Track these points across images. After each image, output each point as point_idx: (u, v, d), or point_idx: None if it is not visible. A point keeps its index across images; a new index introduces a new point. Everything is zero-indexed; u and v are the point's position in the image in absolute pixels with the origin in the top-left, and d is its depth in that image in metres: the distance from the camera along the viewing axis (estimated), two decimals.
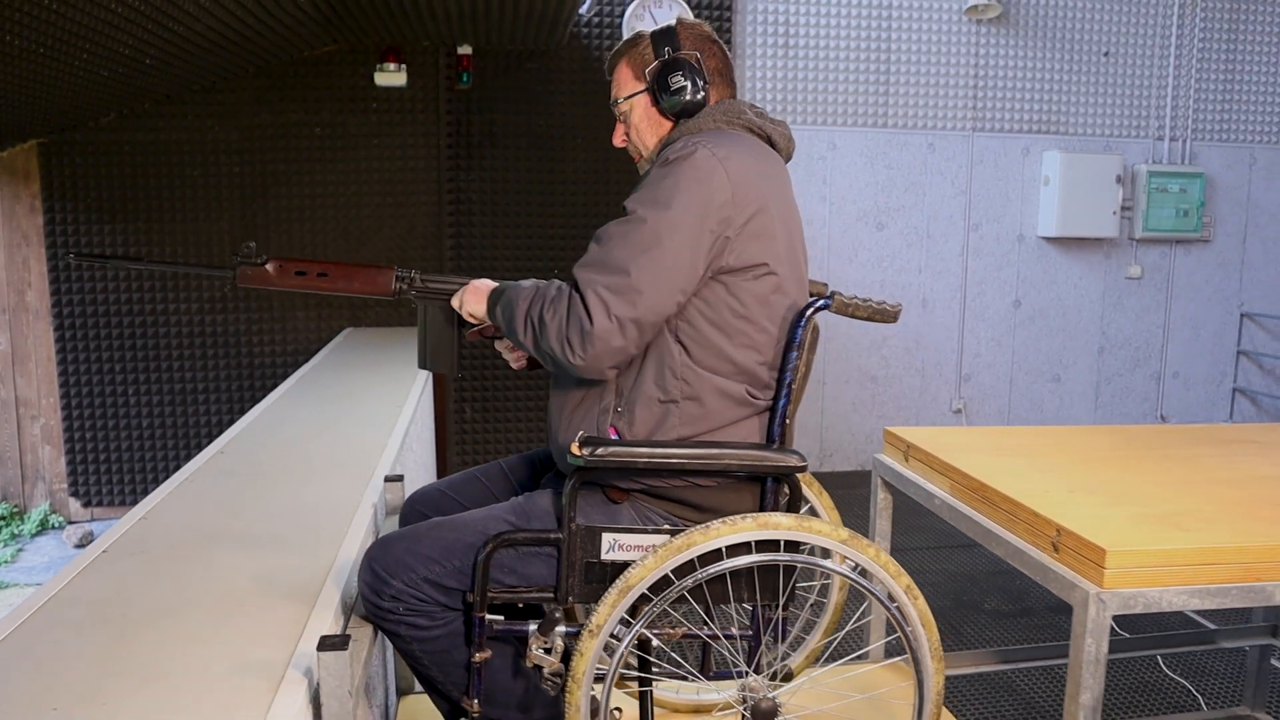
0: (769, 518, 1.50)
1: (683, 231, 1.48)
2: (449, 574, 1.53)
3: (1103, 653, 1.55)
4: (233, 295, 5.04)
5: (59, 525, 5.04)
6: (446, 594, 1.54)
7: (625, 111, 1.72)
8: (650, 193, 1.52)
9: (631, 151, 1.76)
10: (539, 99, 5.15)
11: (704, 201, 1.49)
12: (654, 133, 1.71)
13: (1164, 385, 6.36)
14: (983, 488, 1.90)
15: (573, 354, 1.47)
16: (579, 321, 1.46)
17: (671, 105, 1.65)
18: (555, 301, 1.50)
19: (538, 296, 1.54)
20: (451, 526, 1.58)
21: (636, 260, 1.47)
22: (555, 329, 1.48)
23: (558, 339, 1.48)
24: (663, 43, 1.66)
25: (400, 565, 1.54)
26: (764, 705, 1.55)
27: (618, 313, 1.46)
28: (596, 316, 1.45)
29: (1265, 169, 6.29)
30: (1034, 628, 3.73)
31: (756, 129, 1.66)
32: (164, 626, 1.51)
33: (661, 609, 1.51)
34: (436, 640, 1.55)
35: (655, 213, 1.49)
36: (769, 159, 1.64)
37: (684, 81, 1.63)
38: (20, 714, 1.25)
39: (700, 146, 1.53)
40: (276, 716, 1.25)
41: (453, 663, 1.56)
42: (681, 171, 1.51)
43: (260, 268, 1.68)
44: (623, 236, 1.50)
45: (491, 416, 5.39)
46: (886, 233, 5.85)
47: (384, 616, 1.55)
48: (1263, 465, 2.13)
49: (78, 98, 4.19)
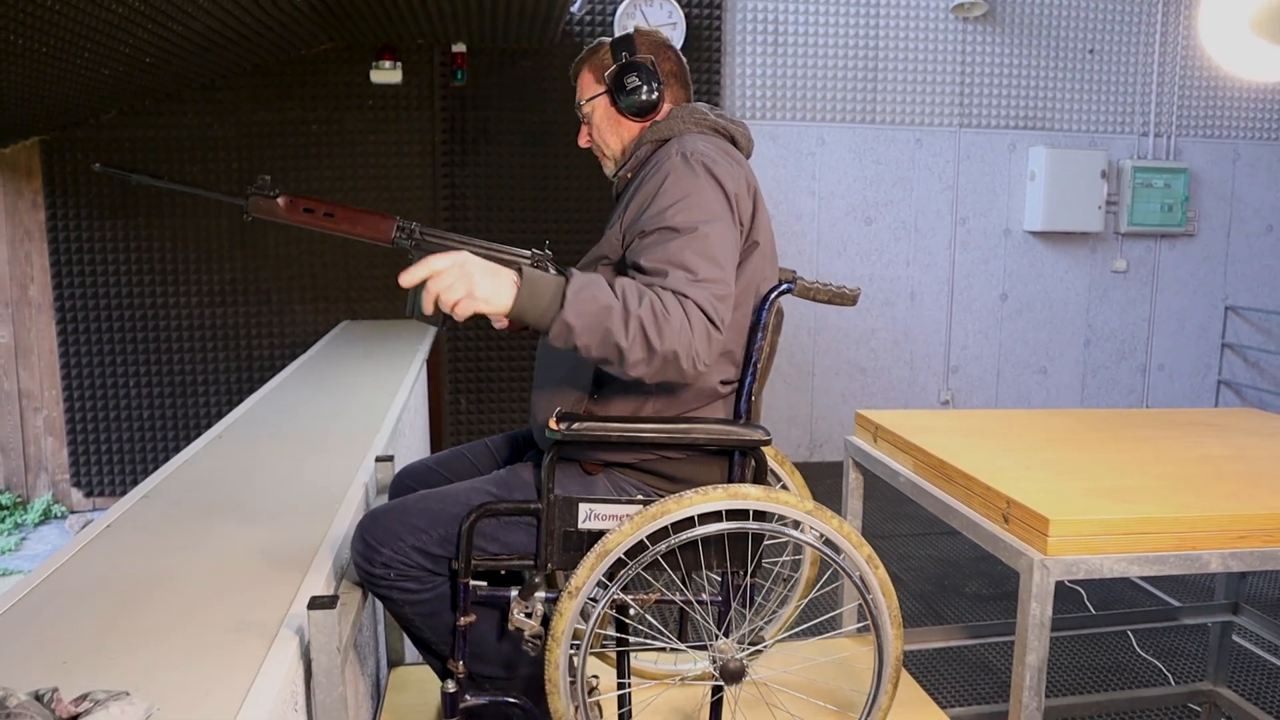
0: (739, 488, 1.60)
1: (724, 222, 1.59)
2: (435, 542, 1.63)
3: (1047, 616, 1.64)
4: (231, 289, 5.14)
5: (62, 515, 5.14)
6: (433, 560, 1.64)
7: (588, 113, 1.86)
8: (680, 201, 1.57)
9: (595, 151, 1.91)
10: (532, 96, 5.25)
11: (725, 194, 1.62)
12: (614, 131, 1.84)
13: (1149, 378, 6.46)
14: (942, 465, 2.00)
15: (696, 364, 1.48)
16: (705, 331, 1.47)
17: (628, 104, 1.79)
18: (669, 316, 1.44)
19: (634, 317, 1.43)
20: (438, 498, 1.68)
21: (716, 270, 1.52)
22: (683, 345, 1.45)
23: (687, 356, 1.46)
24: (620, 48, 1.81)
25: (390, 534, 1.64)
26: (732, 665, 1.65)
27: (724, 316, 1.52)
28: (719, 321, 1.49)
29: (1249, 164, 6.38)
30: (1012, 610, 3.83)
31: (721, 130, 1.78)
32: (165, 593, 1.61)
33: (636, 573, 1.60)
34: (426, 603, 1.65)
35: (703, 218, 1.56)
36: (739, 158, 1.76)
37: (639, 82, 1.77)
38: (34, 667, 1.35)
39: (690, 152, 1.64)
40: (270, 670, 1.35)
41: (442, 624, 1.67)
42: (698, 171, 1.62)
43: (272, 200, 1.75)
44: (689, 248, 1.52)
45: (486, 407, 5.49)
46: (875, 227, 5.95)
47: (376, 582, 1.65)
48: (1215, 446, 2.22)
49: (79, 96, 4.29)
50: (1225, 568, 1.70)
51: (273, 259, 5.15)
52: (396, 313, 5.27)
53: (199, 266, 5.09)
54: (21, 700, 1.04)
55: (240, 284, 5.15)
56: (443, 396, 5.32)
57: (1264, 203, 6.44)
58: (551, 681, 1.59)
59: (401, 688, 2.18)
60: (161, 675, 1.32)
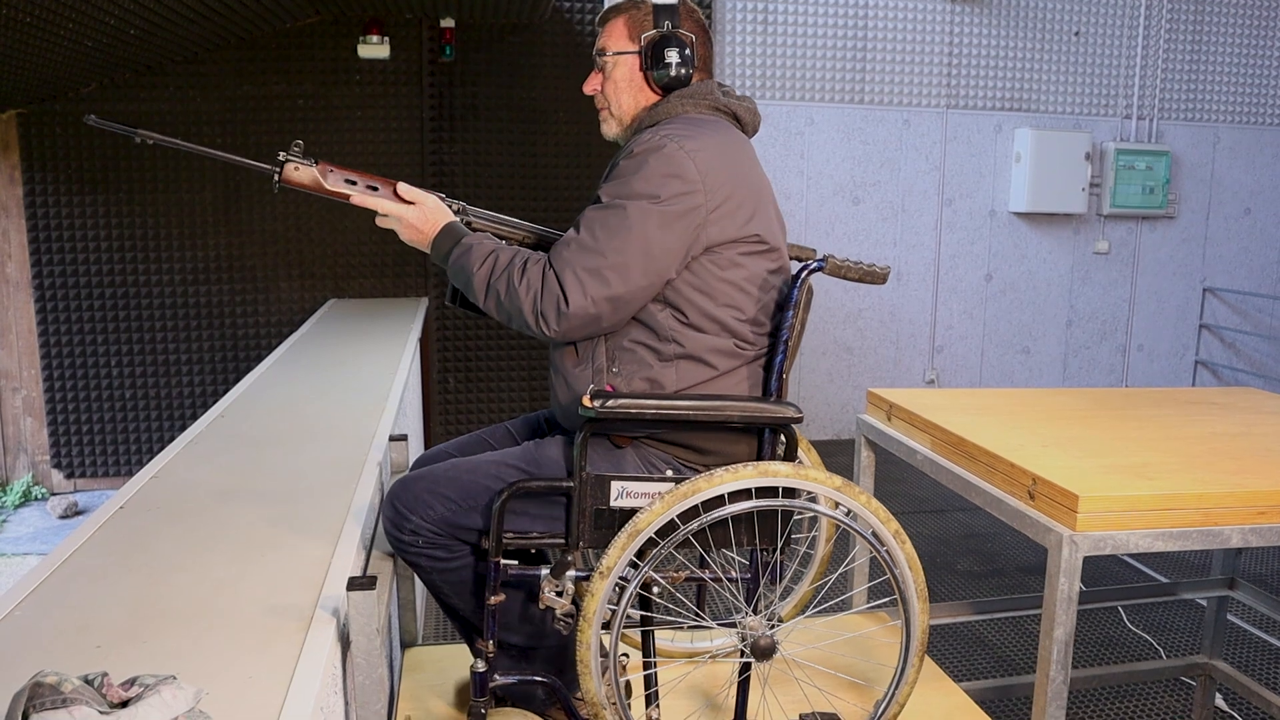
0: (769, 466, 1.60)
1: (656, 220, 1.59)
2: (464, 512, 1.63)
3: (1075, 592, 1.66)
4: (214, 266, 5.06)
5: (42, 497, 5.06)
6: (462, 530, 1.64)
7: (609, 66, 1.79)
8: (624, 184, 1.63)
9: (599, 102, 1.83)
10: (521, 72, 5.19)
11: (675, 193, 1.60)
12: (632, 96, 1.79)
13: (1129, 358, 6.55)
14: (962, 443, 2.01)
15: (546, 325, 1.60)
16: (555, 299, 1.58)
17: (659, 77, 1.75)
18: (528, 274, 1.60)
19: (506, 267, 1.62)
20: (468, 468, 1.68)
21: (611, 243, 1.58)
22: (529, 301, 1.59)
23: (532, 311, 1.60)
24: (664, 15, 1.75)
25: (420, 503, 1.64)
26: (763, 643, 1.65)
27: (593, 293, 1.57)
28: (573, 296, 1.57)
29: (1229, 148, 6.46)
30: (1004, 586, 3.88)
31: (723, 107, 1.76)
32: (190, 573, 1.58)
33: (667, 552, 1.60)
34: (456, 571, 1.66)
35: (630, 201, 1.60)
36: (734, 138, 1.75)
37: (677, 57, 1.73)
38: (66, 651, 1.32)
39: (669, 140, 1.63)
40: (311, 652, 1.33)
41: (471, 592, 1.67)
42: (651, 164, 1.62)
43: (309, 168, 1.72)
44: (600, 222, 1.61)
45: (475, 386, 5.46)
46: (862, 207, 5.96)
47: (405, 549, 1.66)
48: (1221, 423, 2.25)
49: (59, 68, 4.19)
50: (1245, 542, 1.73)
51: (258, 235, 5.07)
52: (384, 290, 5.22)
53: (182, 243, 5.01)
54: (76, 685, 1.02)
55: (224, 261, 5.07)
56: (432, 374, 5.28)
57: (1242, 185, 6.53)
58: (583, 662, 1.59)
59: (416, 668, 2.16)
60: (200, 658, 1.30)
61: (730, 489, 1.58)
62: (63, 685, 1.01)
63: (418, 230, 1.73)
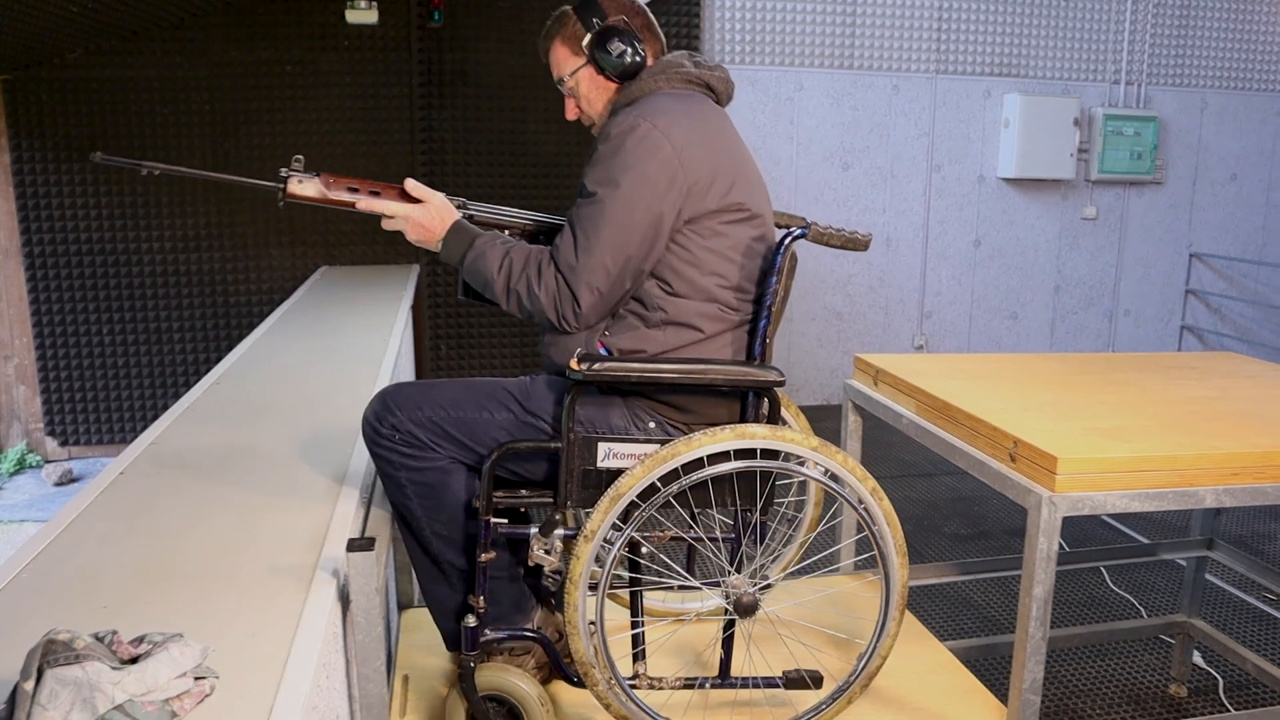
0: (746, 428, 1.64)
1: (640, 203, 1.65)
2: (449, 421, 1.69)
3: (1053, 550, 1.71)
4: (205, 234, 5.05)
5: (37, 464, 5.08)
6: (443, 438, 1.69)
7: (573, 87, 1.84)
8: (604, 171, 1.68)
9: (584, 121, 1.90)
10: (511, 38, 5.17)
11: (655, 172, 1.65)
12: (602, 98, 1.84)
13: (1116, 323, 6.60)
14: (946, 407, 2.05)
15: (568, 323, 1.70)
16: (570, 302, 1.67)
17: (616, 69, 1.79)
18: (544, 279, 1.68)
19: (523, 271, 1.70)
20: (462, 386, 1.75)
21: (602, 235, 1.65)
22: (550, 304, 1.68)
23: (554, 311, 1.69)
24: (588, 14, 1.78)
25: (409, 402, 1.70)
26: (746, 600, 1.70)
27: (599, 285, 1.67)
28: (583, 297, 1.66)
29: (1216, 113, 6.47)
30: (990, 549, 3.95)
31: (695, 79, 1.79)
32: (192, 536, 1.62)
33: (649, 514, 1.64)
34: (423, 473, 1.70)
35: (612, 191, 1.66)
36: (708, 110, 1.78)
37: (622, 46, 1.77)
38: (74, 611, 1.36)
39: (642, 120, 1.68)
40: (311, 612, 1.37)
41: (436, 503, 1.71)
42: (628, 148, 1.66)
43: (312, 180, 1.77)
44: (589, 218, 1.67)
45: (467, 352, 5.49)
46: (852, 173, 5.97)
47: (379, 442, 1.70)
48: (1199, 388, 2.30)
49: (44, 34, 4.16)
50: (1219, 503, 1.78)
51: (247, 203, 5.06)
52: (375, 258, 5.23)
53: (171, 210, 5.00)
54: (88, 642, 1.06)
55: (215, 229, 5.07)
56: (423, 341, 5.31)
57: (1229, 151, 6.55)
58: (571, 623, 1.64)
59: (413, 629, 2.21)
60: (204, 617, 1.34)
61: (709, 451, 1.63)
62: (75, 642, 1.05)
63: (425, 229, 1.77)
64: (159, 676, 1.07)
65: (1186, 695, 2.85)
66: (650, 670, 1.79)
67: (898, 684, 1.99)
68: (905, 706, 1.93)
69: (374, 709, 1.54)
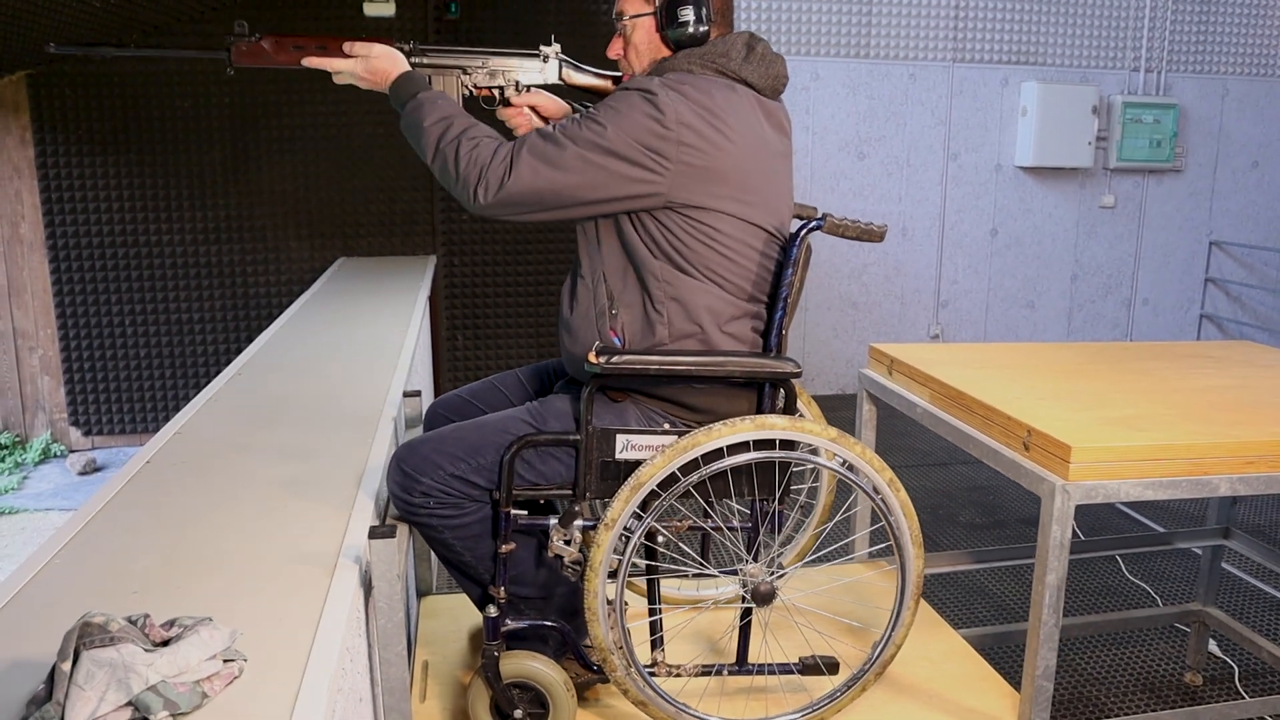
0: (765, 419, 1.66)
1: (615, 144, 1.61)
2: (474, 470, 1.69)
3: (1066, 539, 1.73)
4: (225, 226, 5.10)
5: (61, 454, 5.16)
6: (472, 488, 1.70)
7: (628, 30, 1.80)
8: (605, 107, 1.66)
9: (623, 67, 1.86)
10: (527, 30, 5.18)
11: (641, 128, 1.61)
12: (650, 56, 1.80)
13: (1134, 312, 6.57)
14: (960, 396, 2.06)
15: (479, 193, 1.63)
16: (501, 173, 1.61)
17: (675, 35, 1.75)
18: (484, 144, 1.64)
19: (465, 131, 1.66)
20: (474, 428, 1.73)
21: (570, 146, 1.62)
22: (475, 166, 1.63)
23: (476, 174, 1.63)
24: None
25: (428, 464, 1.69)
26: (763, 589, 1.72)
27: (543, 176, 1.61)
28: (521, 171, 1.61)
29: (1237, 100, 6.42)
30: (1005, 538, 3.96)
31: (729, 73, 1.73)
32: (217, 523, 1.66)
33: (669, 504, 1.67)
34: (466, 527, 1.71)
35: (598, 121, 1.63)
36: (734, 100, 1.70)
37: (691, 14, 1.72)
38: (105, 595, 1.40)
39: (655, 80, 1.66)
40: (335, 598, 1.40)
41: (482, 548, 1.73)
42: (634, 96, 1.64)
43: (255, 44, 1.79)
44: (573, 127, 1.64)
45: (483, 342, 5.52)
46: (867, 162, 5.96)
47: (415, 511, 1.71)
48: (1216, 377, 2.30)
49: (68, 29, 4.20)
50: (1233, 491, 1.79)
51: (267, 195, 5.11)
52: (393, 249, 5.27)
53: (192, 203, 5.05)
54: (122, 625, 1.09)
55: (235, 220, 5.11)
56: (440, 333, 5.35)
57: (1250, 138, 6.50)
58: (591, 610, 1.66)
59: (432, 615, 2.25)
60: (232, 602, 1.38)
61: (729, 442, 1.64)
62: (109, 625, 1.08)
63: (370, 79, 1.82)
64: (190, 659, 1.11)
65: (1202, 684, 2.85)
66: (668, 658, 1.82)
67: (912, 671, 2.01)
68: (919, 693, 1.95)
69: (396, 692, 1.58)
